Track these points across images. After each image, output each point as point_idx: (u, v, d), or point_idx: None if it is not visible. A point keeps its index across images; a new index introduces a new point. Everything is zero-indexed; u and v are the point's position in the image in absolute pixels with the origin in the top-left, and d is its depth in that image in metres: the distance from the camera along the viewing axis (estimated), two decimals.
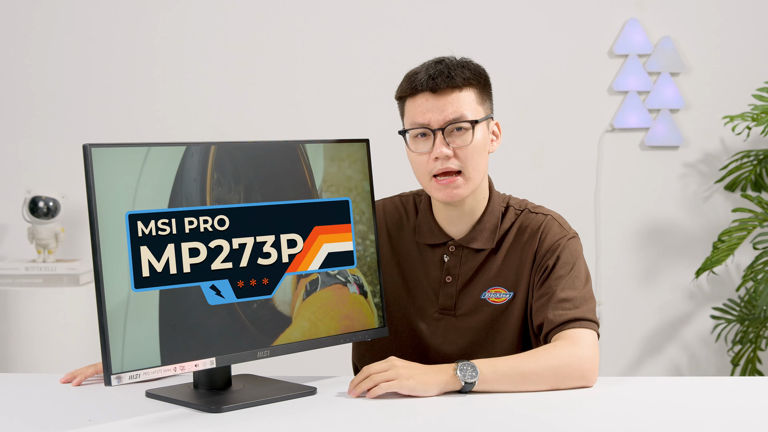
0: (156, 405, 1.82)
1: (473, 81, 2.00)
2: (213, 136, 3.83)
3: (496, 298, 2.06)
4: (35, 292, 3.56)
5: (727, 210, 3.90)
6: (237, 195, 1.86)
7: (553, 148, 3.89)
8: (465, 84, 1.98)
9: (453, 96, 1.98)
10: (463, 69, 2.00)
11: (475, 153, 1.99)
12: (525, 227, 2.07)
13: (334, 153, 2.01)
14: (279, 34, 3.89)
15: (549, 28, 3.89)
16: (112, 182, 1.72)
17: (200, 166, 1.82)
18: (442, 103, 1.98)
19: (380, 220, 2.16)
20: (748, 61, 3.88)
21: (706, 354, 3.96)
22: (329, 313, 1.96)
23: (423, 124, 1.99)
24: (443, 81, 1.97)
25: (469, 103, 1.99)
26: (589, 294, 2.01)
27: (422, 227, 2.11)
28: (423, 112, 1.99)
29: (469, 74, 2.00)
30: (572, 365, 1.89)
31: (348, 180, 2.02)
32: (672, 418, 1.72)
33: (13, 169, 3.92)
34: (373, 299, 2.04)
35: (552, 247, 2.03)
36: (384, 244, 2.14)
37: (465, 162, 1.99)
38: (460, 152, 1.98)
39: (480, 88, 2.02)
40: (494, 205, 2.08)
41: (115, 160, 1.72)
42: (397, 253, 2.13)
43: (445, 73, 1.98)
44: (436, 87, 1.97)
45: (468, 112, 1.98)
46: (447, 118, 1.97)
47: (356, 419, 1.72)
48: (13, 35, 3.89)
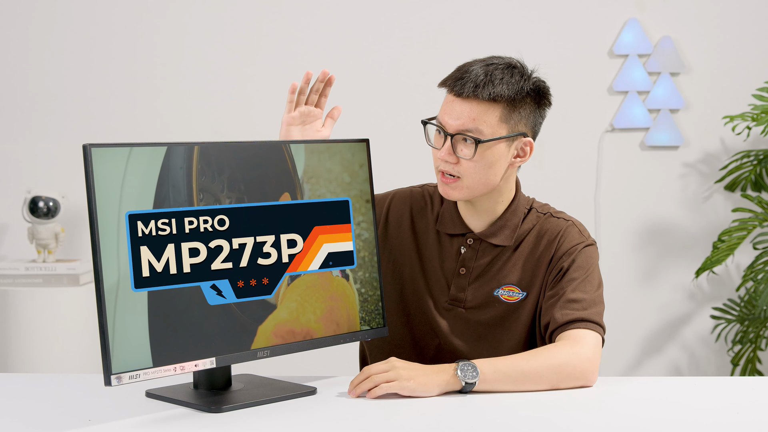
0: (156, 405, 1.82)
1: (504, 98, 1.95)
2: (213, 136, 3.83)
3: (510, 296, 2.06)
4: (35, 292, 3.56)
5: (727, 210, 3.90)
6: (236, 195, 1.86)
7: (553, 148, 3.89)
8: (491, 98, 1.95)
9: (473, 106, 1.96)
10: (501, 83, 1.95)
11: (476, 168, 1.98)
12: (545, 231, 2.07)
13: (334, 153, 2.01)
14: (279, 34, 3.89)
15: (549, 28, 3.89)
16: (112, 182, 1.72)
17: (201, 165, 1.82)
18: (461, 109, 1.97)
19: (406, 206, 2.17)
20: (748, 61, 3.88)
21: (706, 354, 3.96)
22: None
23: (441, 123, 2.00)
24: (470, 89, 1.95)
25: (489, 119, 1.96)
26: (600, 299, 2.01)
27: (444, 216, 2.12)
28: (445, 111, 2.00)
29: (504, 90, 1.95)
30: (571, 364, 1.89)
31: (348, 180, 2.02)
32: (672, 418, 1.72)
33: (13, 169, 3.92)
34: (367, 294, 2.04)
35: (569, 250, 2.03)
36: (407, 230, 2.15)
37: (464, 173, 1.99)
38: (463, 162, 1.98)
39: (511, 107, 1.97)
40: (518, 205, 2.09)
41: (116, 160, 1.72)
42: (418, 239, 2.14)
43: (478, 81, 1.95)
44: (462, 92, 1.96)
45: (483, 127, 1.96)
46: (457, 128, 1.97)
47: (356, 419, 1.72)
48: (13, 35, 3.89)
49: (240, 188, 1.87)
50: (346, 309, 2.00)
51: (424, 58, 3.83)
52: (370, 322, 2.03)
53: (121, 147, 1.74)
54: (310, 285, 1.96)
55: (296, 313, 1.94)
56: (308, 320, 1.94)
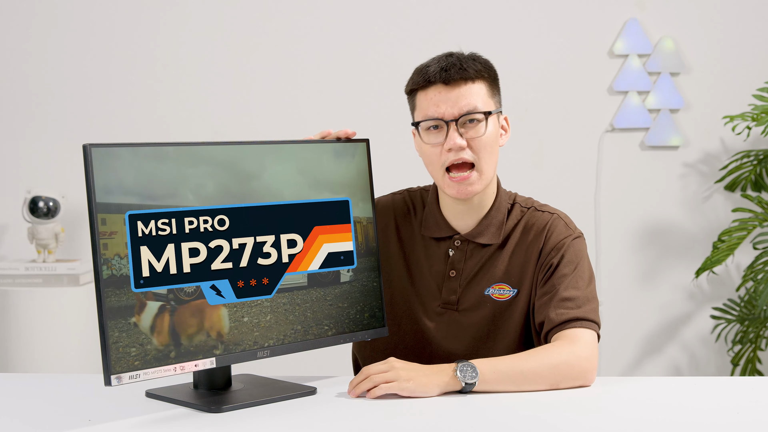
0: (156, 405, 1.82)
1: (484, 74, 2.01)
2: (213, 136, 3.84)
3: (500, 294, 2.06)
4: (35, 292, 3.56)
5: (727, 210, 3.90)
6: (236, 195, 1.86)
7: (553, 148, 3.89)
8: (477, 76, 1.99)
9: (466, 88, 1.99)
10: (474, 62, 2.01)
11: (488, 145, 2.00)
12: (531, 225, 2.07)
13: (334, 153, 2.01)
14: (279, 34, 3.89)
15: (549, 28, 3.89)
16: (112, 182, 1.72)
17: (201, 165, 1.82)
18: (456, 94, 1.98)
19: (389, 213, 2.16)
20: (748, 61, 3.88)
21: (706, 354, 3.96)
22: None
23: (436, 116, 1.99)
24: (456, 72, 1.98)
25: (481, 95, 2.00)
26: (592, 294, 2.01)
27: (428, 220, 2.11)
28: (436, 103, 1.99)
29: (480, 67, 2.01)
30: (570, 364, 1.89)
31: (348, 180, 2.02)
32: (672, 418, 1.72)
33: (13, 169, 3.92)
34: (367, 293, 2.04)
35: (557, 245, 2.03)
36: (392, 238, 2.14)
37: (478, 153, 1.99)
38: (474, 144, 1.99)
39: (490, 81, 2.03)
40: (501, 201, 2.09)
41: (116, 160, 1.72)
42: (404, 246, 2.14)
43: (457, 65, 1.99)
44: (449, 78, 1.98)
45: (480, 104, 1.99)
46: (461, 110, 1.98)
47: (356, 419, 1.72)
48: (13, 35, 3.89)
49: (240, 188, 1.87)
50: (346, 309, 2.00)
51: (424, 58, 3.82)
52: (370, 322, 2.04)
53: (121, 147, 1.74)
54: (310, 285, 1.96)
55: (296, 313, 1.94)
56: (308, 320, 1.94)
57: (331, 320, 1.98)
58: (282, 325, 1.91)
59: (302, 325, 1.94)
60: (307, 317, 1.95)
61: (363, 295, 2.03)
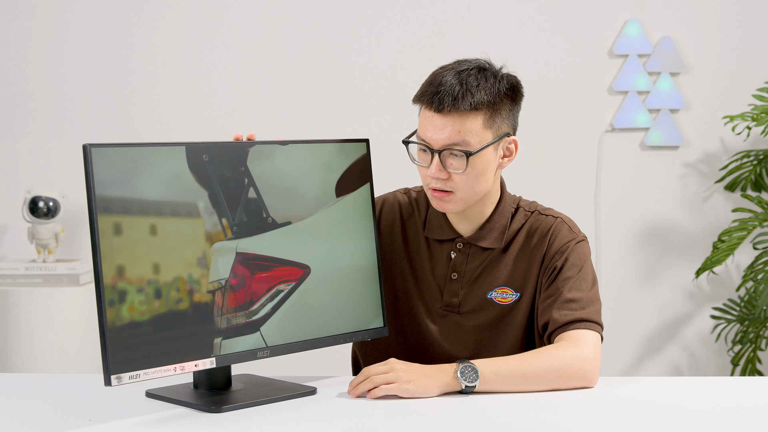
0: (156, 405, 1.82)
1: (484, 104, 1.93)
2: (213, 136, 3.83)
3: (503, 298, 2.05)
4: (35, 292, 3.56)
5: (727, 210, 3.90)
6: (237, 195, 1.86)
7: (553, 148, 3.89)
8: (472, 108, 1.92)
9: (455, 119, 1.92)
10: (478, 89, 1.93)
11: (469, 179, 1.95)
12: (534, 229, 2.06)
13: (334, 153, 2.01)
14: (279, 34, 3.89)
15: (549, 28, 3.89)
16: (112, 182, 1.72)
17: (201, 165, 1.82)
18: (443, 123, 1.93)
19: (396, 212, 2.14)
20: (748, 61, 3.88)
21: (706, 354, 3.96)
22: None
23: (424, 141, 1.96)
24: (449, 104, 1.91)
25: (473, 128, 1.93)
26: (596, 296, 2.01)
27: (432, 222, 2.10)
28: (426, 128, 1.95)
29: (482, 97, 1.93)
30: (573, 366, 1.89)
31: (348, 180, 2.02)
32: (672, 418, 1.72)
33: (13, 169, 3.92)
34: (367, 293, 2.03)
35: (561, 249, 2.02)
36: (398, 237, 2.13)
37: (457, 186, 1.96)
38: (455, 176, 1.95)
39: (492, 111, 1.94)
40: (505, 205, 2.07)
41: (116, 160, 1.72)
42: (409, 246, 2.13)
43: (455, 93, 1.91)
44: (442, 108, 1.92)
45: (470, 138, 1.93)
46: (445, 142, 1.93)
47: (356, 419, 1.72)
48: (13, 35, 3.89)
49: (240, 188, 1.87)
50: (347, 308, 2.00)
51: (423, 59, 3.82)
52: (370, 322, 2.03)
53: (121, 147, 1.74)
54: (310, 285, 1.96)
55: (296, 313, 1.94)
56: (309, 320, 1.94)
57: (332, 320, 1.97)
58: (282, 324, 1.91)
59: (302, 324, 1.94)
60: (308, 317, 1.94)
61: (364, 295, 2.02)
